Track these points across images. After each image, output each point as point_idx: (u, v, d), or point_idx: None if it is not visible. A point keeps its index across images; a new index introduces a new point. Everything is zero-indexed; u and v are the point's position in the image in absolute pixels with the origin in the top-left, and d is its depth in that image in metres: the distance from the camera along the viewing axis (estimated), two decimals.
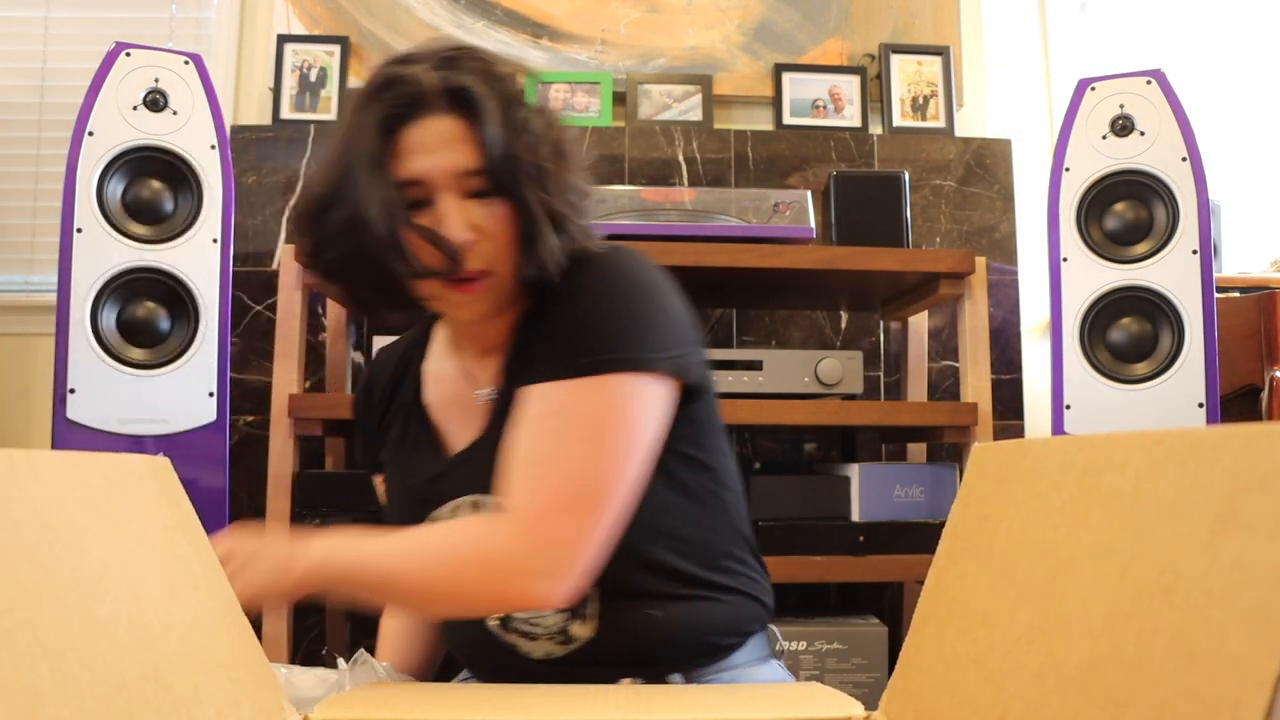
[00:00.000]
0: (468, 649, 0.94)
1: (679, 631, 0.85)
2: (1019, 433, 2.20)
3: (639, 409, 0.80)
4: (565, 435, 0.78)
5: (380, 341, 1.83)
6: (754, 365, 1.80)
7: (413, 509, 0.91)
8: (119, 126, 1.65)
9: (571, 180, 0.84)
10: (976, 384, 1.83)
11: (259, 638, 1.09)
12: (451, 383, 0.94)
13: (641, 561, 0.85)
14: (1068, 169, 1.78)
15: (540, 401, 0.80)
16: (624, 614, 0.84)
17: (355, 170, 0.79)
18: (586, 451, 0.78)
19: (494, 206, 0.81)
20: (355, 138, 0.80)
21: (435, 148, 0.79)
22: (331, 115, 2.28)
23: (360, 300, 0.86)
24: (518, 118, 0.81)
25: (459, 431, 0.92)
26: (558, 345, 0.81)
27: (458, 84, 0.79)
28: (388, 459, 0.99)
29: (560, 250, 0.82)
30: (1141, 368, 1.73)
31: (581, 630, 0.85)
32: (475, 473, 0.85)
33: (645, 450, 0.81)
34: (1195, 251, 1.70)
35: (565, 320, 0.82)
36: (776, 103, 2.33)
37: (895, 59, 2.35)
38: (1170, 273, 1.71)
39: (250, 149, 2.22)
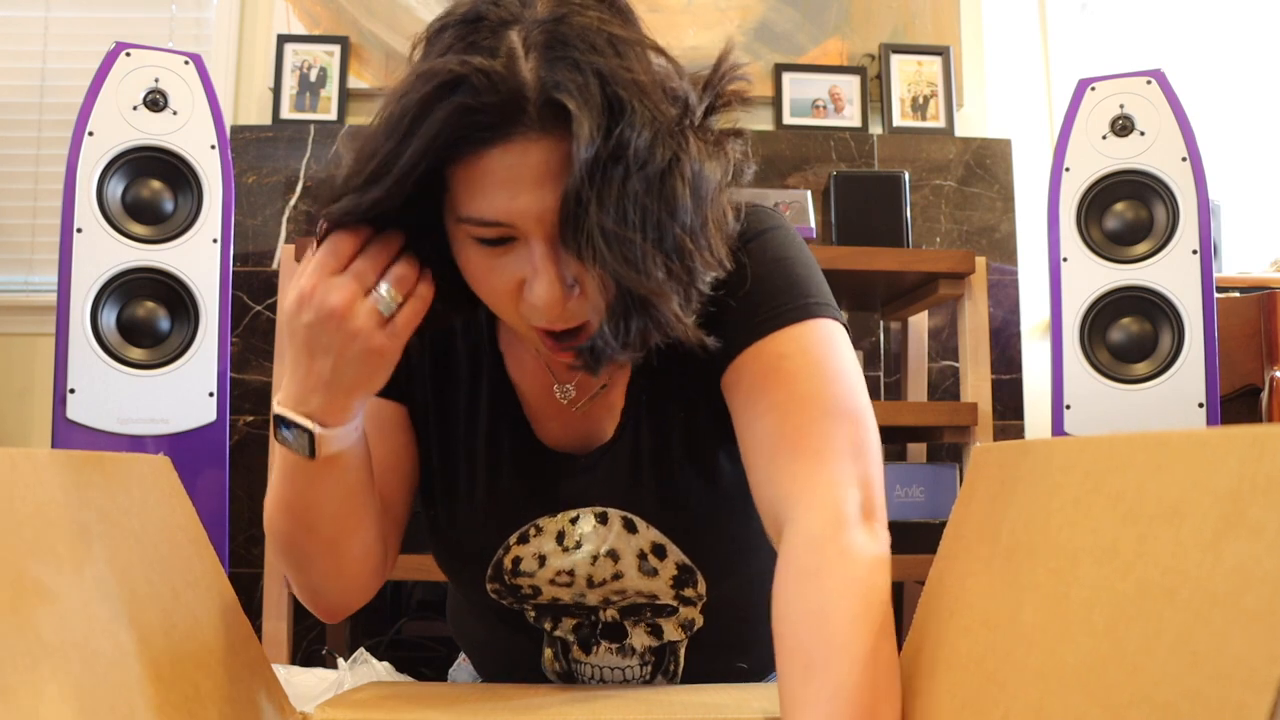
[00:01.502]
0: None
1: (758, 676, 0.85)
2: (1019, 433, 2.20)
3: (847, 347, 0.72)
4: (806, 390, 0.67)
5: None
6: None
7: (505, 501, 0.78)
8: (119, 126, 1.65)
9: (669, 243, 0.60)
10: (976, 384, 1.83)
11: (259, 638, 1.09)
12: (533, 367, 0.79)
13: (747, 615, 0.82)
14: (1068, 169, 1.78)
15: (755, 367, 0.69)
16: (712, 663, 0.82)
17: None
18: (836, 393, 0.67)
19: None
20: (413, 156, 0.58)
21: (526, 184, 0.59)
22: (332, 115, 2.27)
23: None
24: (620, 148, 0.57)
25: (551, 424, 0.79)
26: (748, 309, 0.70)
27: (558, 99, 0.57)
28: (437, 411, 0.81)
29: (648, 332, 0.63)
30: (1141, 368, 1.73)
31: (667, 682, 0.83)
32: (599, 481, 0.77)
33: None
34: (1195, 251, 1.70)
35: (746, 290, 0.70)
36: (776, 102, 2.33)
37: (895, 59, 2.35)
38: (1170, 273, 1.71)
39: (250, 149, 2.22)
